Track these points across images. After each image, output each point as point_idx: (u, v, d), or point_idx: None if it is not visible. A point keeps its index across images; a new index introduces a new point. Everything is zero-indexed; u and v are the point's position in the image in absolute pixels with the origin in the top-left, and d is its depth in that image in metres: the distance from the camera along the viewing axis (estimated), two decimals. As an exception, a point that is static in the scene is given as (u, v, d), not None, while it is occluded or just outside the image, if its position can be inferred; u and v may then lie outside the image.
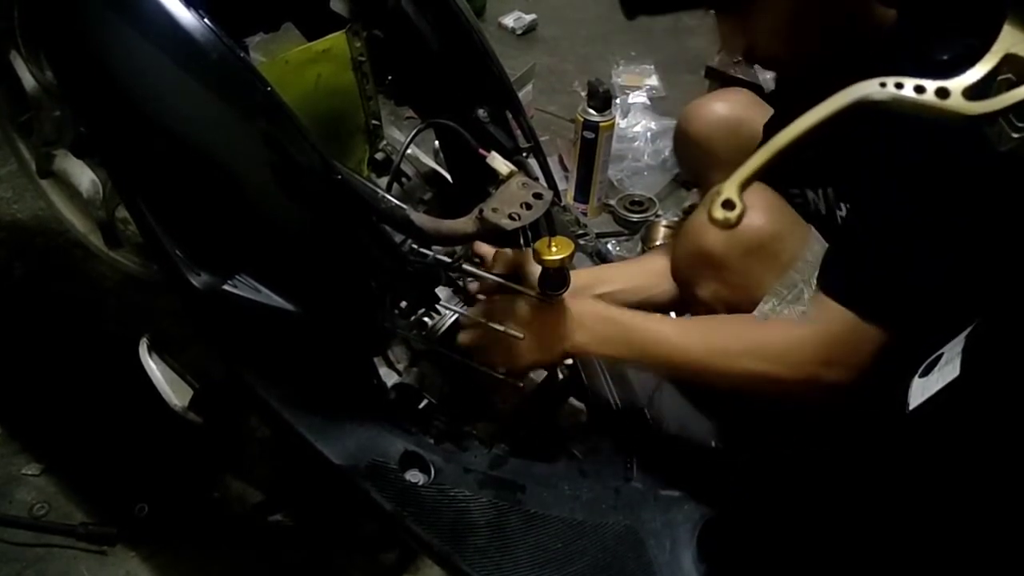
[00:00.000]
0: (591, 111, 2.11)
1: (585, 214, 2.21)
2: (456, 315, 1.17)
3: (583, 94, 2.32)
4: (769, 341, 1.05)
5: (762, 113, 1.35)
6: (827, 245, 1.11)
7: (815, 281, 1.07)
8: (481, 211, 1.06)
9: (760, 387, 1.05)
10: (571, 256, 1.10)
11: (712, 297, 1.17)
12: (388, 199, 1.09)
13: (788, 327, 1.05)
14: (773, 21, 1.03)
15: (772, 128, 1.26)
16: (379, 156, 1.36)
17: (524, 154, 1.32)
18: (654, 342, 1.09)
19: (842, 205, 1.11)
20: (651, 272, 1.35)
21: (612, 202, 2.25)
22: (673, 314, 1.79)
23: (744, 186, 0.59)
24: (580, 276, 1.29)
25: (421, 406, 1.20)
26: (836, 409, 1.04)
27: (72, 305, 1.85)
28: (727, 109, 1.42)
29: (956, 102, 0.58)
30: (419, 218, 1.08)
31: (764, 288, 1.11)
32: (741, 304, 1.13)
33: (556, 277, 1.13)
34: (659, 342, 1.09)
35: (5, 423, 1.62)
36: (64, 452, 1.57)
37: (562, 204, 1.33)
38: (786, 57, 1.08)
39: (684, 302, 1.30)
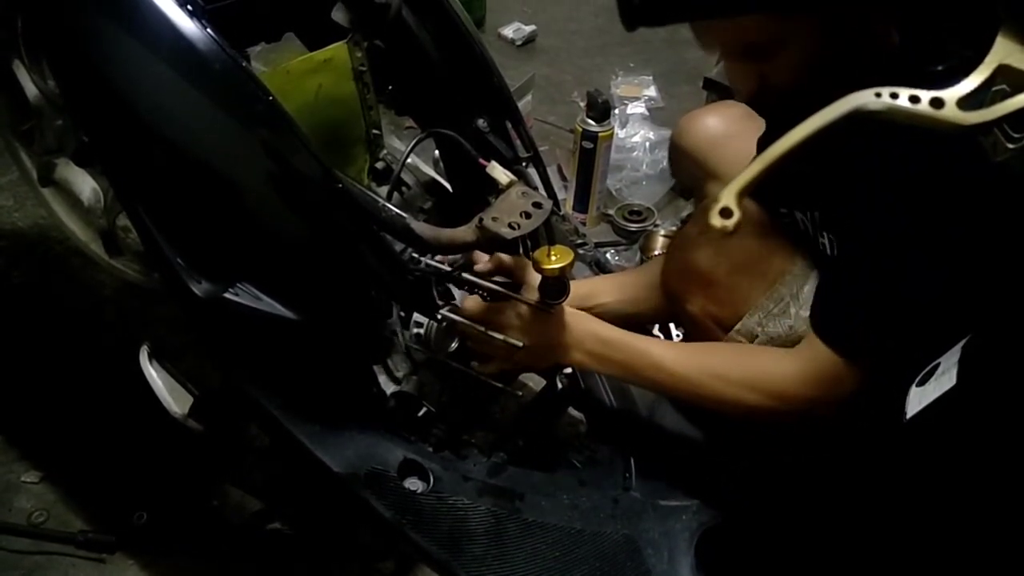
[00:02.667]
0: (590, 121, 2.11)
1: (584, 224, 2.21)
2: (451, 322, 1.17)
3: (582, 104, 2.33)
4: (761, 373, 1.05)
5: (755, 126, 1.35)
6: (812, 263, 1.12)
7: (802, 297, 1.08)
8: (481, 220, 1.07)
9: (749, 414, 1.06)
10: (571, 265, 1.11)
11: (700, 311, 1.18)
12: (388, 208, 1.09)
13: (781, 360, 1.05)
14: (797, 61, 0.97)
15: (765, 142, 1.26)
16: (379, 165, 1.37)
17: (523, 164, 1.32)
18: (651, 366, 1.10)
19: (825, 233, 1.11)
20: (645, 285, 1.35)
21: (611, 212, 2.26)
22: (675, 330, 1.80)
23: (742, 194, 0.59)
24: (577, 288, 1.30)
25: (420, 414, 1.20)
26: (833, 419, 1.04)
27: (72, 313, 1.85)
28: (720, 122, 1.43)
29: (951, 112, 0.59)
30: (419, 227, 1.09)
31: (751, 303, 1.12)
32: (728, 319, 1.14)
33: (556, 286, 1.14)
34: (656, 367, 1.09)
35: (4, 430, 1.62)
36: (63, 460, 1.57)
37: (561, 213, 1.34)
38: (798, 91, 1.06)
39: (674, 315, 1.30)
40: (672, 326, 1.81)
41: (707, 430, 1.25)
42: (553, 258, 1.10)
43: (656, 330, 1.78)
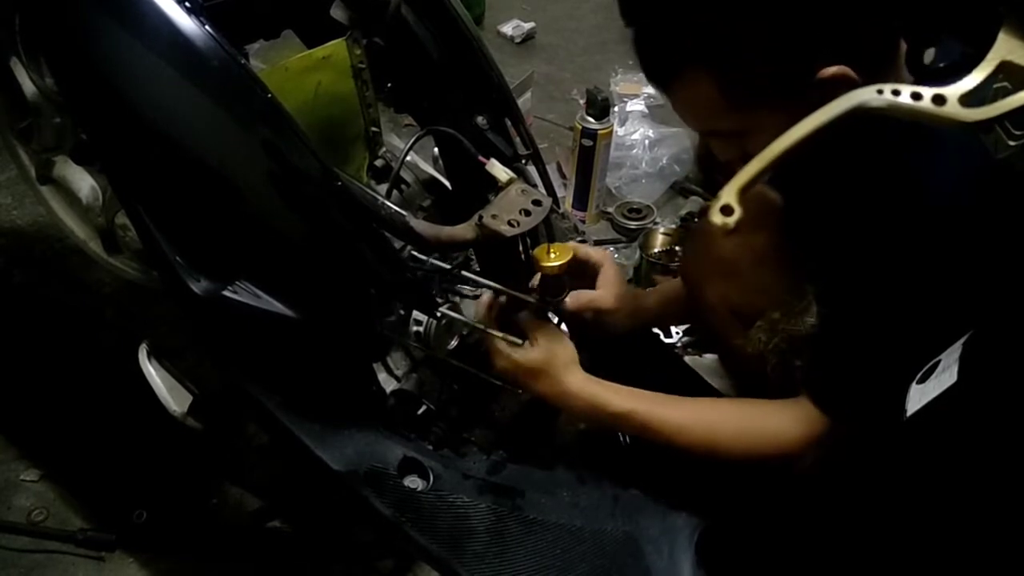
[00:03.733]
0: (589, 119, 2.11)
1: (583, 221, 2.21)
2: (451, 320, 1.17)
3: (581, 102, 2.32)
4: (762, 437, 1.06)
5: None
6: None
7: None
8: (480, 218, 1.07)
9: (747, 464, 1.07)
10: (569, 263, 1.11)
11: (720, 301, 1.17)
12: (388, 206, 1.09)
13: (778, 417, 1.05)
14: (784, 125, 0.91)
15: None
16: (379, 163, 1.36)
17: (523, 161, 1.32)
18: (652, 430, 1.09)
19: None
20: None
21: (610, 209, 2.26)
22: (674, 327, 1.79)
23: (742, 192, 0.59)
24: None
25: (420, 412, 1.20)
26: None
27: (71, 311, 1.85)
28: None
29: (952, 109, 0.59)
30: (418, 225, 1.08)
31: (772, 296, 1.10)
32: (747, 310, 1.13)
33: (555, 284, 1.14)
34: (656, 430, 1.09)
35: (4, 429, 1.61)
36: (63, 458, 1.57)
37: (560, 211, 1.34)
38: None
39: (692, 302, 1.29)
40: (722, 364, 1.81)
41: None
42: (552, 256, 1.10)
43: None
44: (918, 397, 0.81)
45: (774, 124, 0.86)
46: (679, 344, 1.79)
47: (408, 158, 1.28)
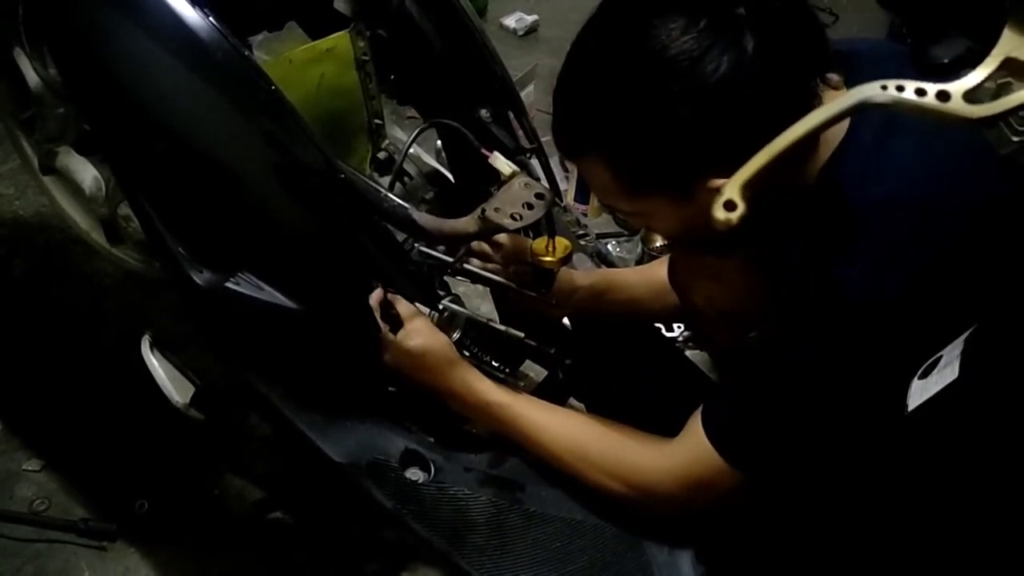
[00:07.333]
0: (592, 112, 2.10)
1: (586, 215, 2.21)
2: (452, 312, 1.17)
3: (584, 95, 2.32)
4: (627, 464, 1.03)
5: None
6: None
7: None
8: (483, 211, 1.07)
9: (616, 501, 1.05)
10: (568, 258, 1.11)
11: (705, 303, 1.17)
12: (390, 198, 1.09)
13: (654, 453, 1.01)
14: (665, 227, 0.99)
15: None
16: (381, 155, 1.36)
17: (526, 154, 1.32)
18: (522, 436, 1.09)
19: None
20: (652, 284, 1.35)
21: (612, 203, 2.25)
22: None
23: (746, 187, 0.59)
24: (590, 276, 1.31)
25: (422, 403, 1.20)
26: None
27: (73, 302, 1.85)
28: None
29: (957, 105, 0.58)
30: (421, 217, 1.08)
31: (758, 299, 1.09)
32: (733, 312, 1.13)
33: (549, 276, 1.14)
34: (525, 437, 1.08)
35: (6, 419, 1.62)
36: (65, 448, 1.57)
37: (563, 204, 1.33)
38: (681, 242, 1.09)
39: (680, 305, 1.29)
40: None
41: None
42: (553, 250, 1.11)
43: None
44: (920, 392, 0.81)
45: (670, 213, 0.91)
46: (680, 338, 1.80)
47: (411, 151, 1.28)
